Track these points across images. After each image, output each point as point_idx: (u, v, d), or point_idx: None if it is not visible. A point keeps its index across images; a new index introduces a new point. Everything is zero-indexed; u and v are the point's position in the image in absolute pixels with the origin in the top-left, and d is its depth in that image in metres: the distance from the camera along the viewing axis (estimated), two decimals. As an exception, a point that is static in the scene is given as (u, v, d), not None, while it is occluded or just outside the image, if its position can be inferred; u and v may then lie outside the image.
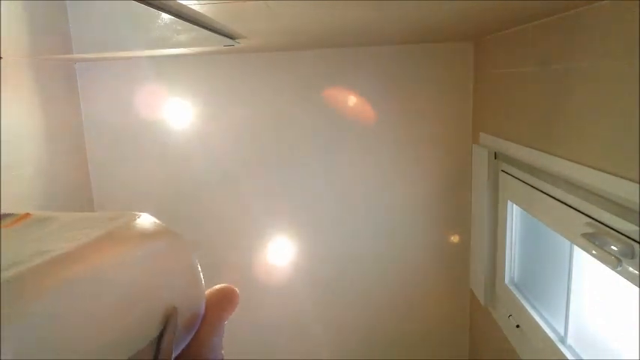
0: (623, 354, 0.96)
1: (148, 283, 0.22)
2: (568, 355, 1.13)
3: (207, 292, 0.26)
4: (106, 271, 0.21)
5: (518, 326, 1.41)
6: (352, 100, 1.78)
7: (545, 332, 1.23)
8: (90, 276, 0.20)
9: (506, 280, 1.53)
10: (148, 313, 0.22)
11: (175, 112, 1.80)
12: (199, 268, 0.25)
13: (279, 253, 1.91)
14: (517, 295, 1.44)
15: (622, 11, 0.84)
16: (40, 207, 1.49)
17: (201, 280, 0.25)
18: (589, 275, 1.10)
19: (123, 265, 0.21)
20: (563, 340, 1.19)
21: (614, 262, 0.83)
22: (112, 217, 0.24)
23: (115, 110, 1.78)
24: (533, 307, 1.36)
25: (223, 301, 0.27)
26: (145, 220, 0.24)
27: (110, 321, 0.20)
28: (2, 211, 0.24)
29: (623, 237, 0.85)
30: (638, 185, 0.81)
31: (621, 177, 0.86)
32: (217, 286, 0.27)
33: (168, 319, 0.22)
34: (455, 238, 1.88)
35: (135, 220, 0.24)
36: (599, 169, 0.92)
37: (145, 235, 0.23)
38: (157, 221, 0.24)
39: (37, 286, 0.18)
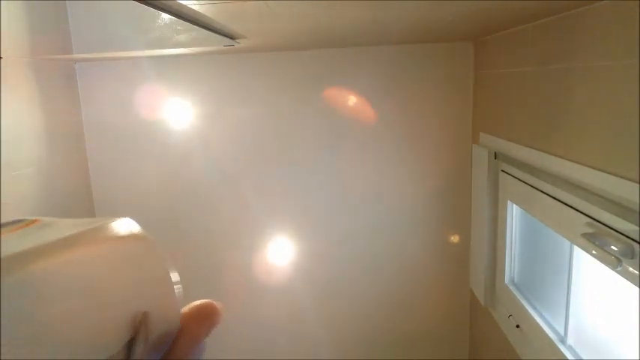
0: (623, 354, 0.96)
1: (116, 285, 0.22)
2: (568, 355, 1.13)
3: (185, 307, 0.25)
4: (72, 267, 0.20)
5: (518, 326, 1.41)
6: (352, 100, 1.78)
7: (545, 332, 1.23)
8: (53, 270, 0.20)
9: (506, 280, 1.53)
10: (116, 315, 0.21)
11: (175, 112, 1.80)
12: (174, 281, 0.25)
13: (279, 253, 1.91)
14: (517, 295, 1.44)
15: (622, 11, 0.84)
16: (40, 207, 1.49)
17: (175, 293, 0.25)
18: (589, 275, 1.10)
19: (90, 262, 0.21)
20: (563, 340, 1.19)
21: (614, 262, 0.83)
22: (96, 220, 0.24)
23: (115, 110, 1.78)
24: (533, 307, 1.36)
25: (201, 319, 0.25)
26: (124, 225, 0.24)
27: (75, 318, 0.20)
28: (15, 218, 0.24)
29: (623, 237, 0.85)
30: (638, 185, 0.81)
31: (621, 177, 0.86)
32: (196, 302, 0.26)
33: (139, 324, 0.22)
34: (455, 238, 1.88)
35: (113, 223, 0.23)
36: (599, 169, 0.92)
37: (118, 238, 0.23)
38: (137, 227, 0.24)
39: None
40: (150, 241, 0.24)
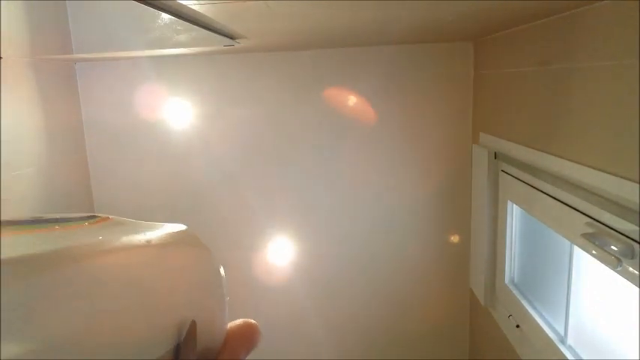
0: (623, 354, 0.96)
1: (170, 291, 0.22)
2: (568, 355, 1.13)
3: (227, 325, 0.25)
4: (129, 267, 0.21)
5: (518, 326, 1.41)
6: (352, 100, 1.78)
7: (545, 332, 1.23)
8: (109, 268, 0.20)
9: (506, 280, 1.53)
10: (165, 320, 0.21)
11: (175, 112, 1.80)
12: (227, 299, 0.24)
13: (279, 253, 1.91)
14: (517, 295, 1.44)
15: (622, 11, 0.84)
16: (40, 207, 1.49)
17: (226, 309, 0.24)
18: (589, 275, 1.10)
19: (147, 266, 0.21)
20: (563, 340, 1.19)
21: (614, 262, 0.83)
22: (160, 225, 0.24)
23: (115, 110, 1.78)
24: (533, 307, 1.36)
25: (244, 339, 0.25)
26: (186, 233, 0.24)
27: (125, 317, 0.20)
28: (89, 213, 0.25)
29: (623, 237, 0.85)
30: (638, 185, 0.81)
31: (621, 177, 0.86)
32: (239, 321, 0.25)
33: (188, 331, 0.22)
34: (455, 238, 1.88)
35: (175, 230, 0.24)
36: (599, 169, 0.92)
37: (180, 245, 0.23)
38: (198, 238, 0.24)
39: (32, 269, 0.18)
40: (209, 254, 0.24)
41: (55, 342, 0.17)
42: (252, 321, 0.26)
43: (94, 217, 0.24)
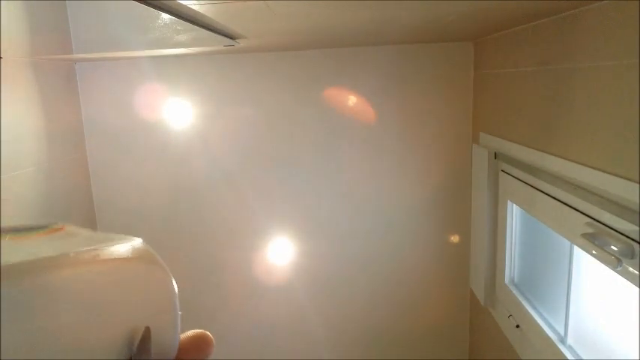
0: (623, 354, 0.96)
1: (121, 305, 0.22)
2: (568, 355, 1.13)
3: (180, 336, 0.25)
4: (81, 282, 0.21)
5: (518, 326, 1.41)
6: (352, 100, 1.78)
7: (545, 332, 1.23)
8: (62, 283, 0.20)
9: (506, 280, 1.53)
10: (116, 334, 0.22)
11: (175, 112, 1.80)
12: (179, 313, 0.25)
13: (280, 253, 1.91)
14: (517, 295, 1.44)
15: (622, 11, 0.85)
16: (40, 207, 1.49)
17: (178, 325, 0.25)
18: (589, 275, 1.10)
19: (99, 280, 0.21)
20: (563, 340, 1.19)
21: (614, 262, 0.83)
22: (115, 237, 0.24)
23: (115, 110, 1.78)
24: (533, 307, 1.36)
25: (196, 350, 0.25)
26: (139, 248, 0.24)
27: (77, 332, 0.20)
28: (44, 222, 0.25)
29: (623, 237, 0.85)
30: (638, 185, 0.81)
31: (621, 177, 0.86)
32: (191, 332, 0.26)
33: (142, 336, 0.22)
34: (455, 238, 1.88)
35: (129, 244, 0.24)
36: (599, 169, 0.92)
37: (133, 261, 0.23)
38: (152, 252, 0.24)
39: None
40: (163, 269, 0.24)
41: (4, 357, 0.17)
42: (205, 332, 0.26)
43: (47, 226, 0.24)
